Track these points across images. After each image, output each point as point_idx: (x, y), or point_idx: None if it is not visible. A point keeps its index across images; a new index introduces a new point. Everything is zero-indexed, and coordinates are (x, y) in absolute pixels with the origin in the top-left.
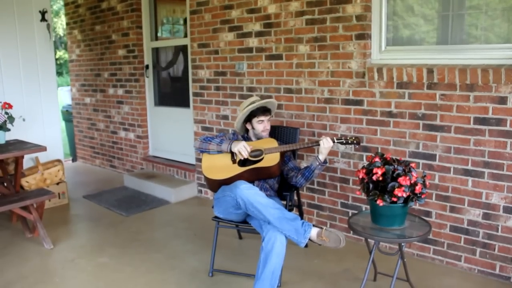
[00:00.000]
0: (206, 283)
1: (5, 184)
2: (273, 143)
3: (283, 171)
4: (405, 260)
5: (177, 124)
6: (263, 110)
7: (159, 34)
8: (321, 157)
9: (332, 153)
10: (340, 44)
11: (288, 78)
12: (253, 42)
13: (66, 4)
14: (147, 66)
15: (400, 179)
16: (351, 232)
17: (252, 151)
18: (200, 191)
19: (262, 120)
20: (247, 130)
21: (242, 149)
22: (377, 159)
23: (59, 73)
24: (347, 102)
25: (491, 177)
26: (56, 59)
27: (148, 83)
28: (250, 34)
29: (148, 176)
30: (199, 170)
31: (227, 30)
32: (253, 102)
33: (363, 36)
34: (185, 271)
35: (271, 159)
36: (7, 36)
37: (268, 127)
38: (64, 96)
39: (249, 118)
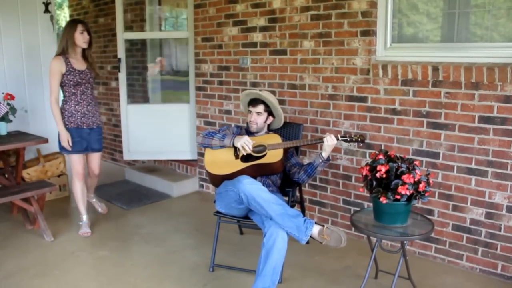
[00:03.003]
0: (207, 278)
1: (6, 175)
2: (277, 139)
3: (286, 167)
4: (407, 258)
5: (169, 121)
6: (252, 100)
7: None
8: (324, 154)
9: (335, 149)
10: (345, 40)
11: (292, 74)
12: (257, 36)
13: None
14: (119, 60)
15: (404, 177)
16: (353, 229)
17: (255, 147)
18: (202, 186)
19: (250, 111)
20: None
21: (245, 144)
22: (380, 156)
23: None
24: (351, 98)
25: (494, 176)
26: None
27: (121, 78)
28: (255, 28)
29: (149, 170)
30: (201, 164)
31: (232, 24)
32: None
33: (368, 32)
34: (185, 266)
35: (274, 155)
36: (10, 27)
37: (257, 120)
38: None
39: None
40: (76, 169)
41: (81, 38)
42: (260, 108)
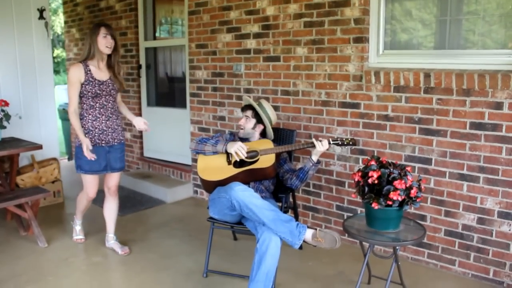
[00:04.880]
0: (201, 283)
1: (0, 181)
2: (269, 144)
3: (279, 173)
4: (399, 263)
5: (172, 124)
6: (244, 106)
7: (157, 34)
8: (314, 157)
9: (328, 155)
10: (338, 47)
11: (286, 80)
12: (251, 43)
13: (64, 3)
14: (140, 66)
15: (396, 183)
16: (346, 235)
17: (247, 152)
18: (196, 192)
19: (241, 116)
20: None
21: (239, 149)
22: (373, 162)
23: (56, 72)
24: (344, 105)
25: (486, 182)
26: (54, 57)
27: (141, 83)
28: (248, 35)
29: (144, 176)
30: (195, 170)
31: (225, 31)
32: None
33: (361, 39)
34: (179, 272)
35: (266, 160)
36: (5, 33)
37: (245, 125)
38: (61, 94)
39: None
40: (88, 192)
41: (103, 43)
42: (249, 113)
